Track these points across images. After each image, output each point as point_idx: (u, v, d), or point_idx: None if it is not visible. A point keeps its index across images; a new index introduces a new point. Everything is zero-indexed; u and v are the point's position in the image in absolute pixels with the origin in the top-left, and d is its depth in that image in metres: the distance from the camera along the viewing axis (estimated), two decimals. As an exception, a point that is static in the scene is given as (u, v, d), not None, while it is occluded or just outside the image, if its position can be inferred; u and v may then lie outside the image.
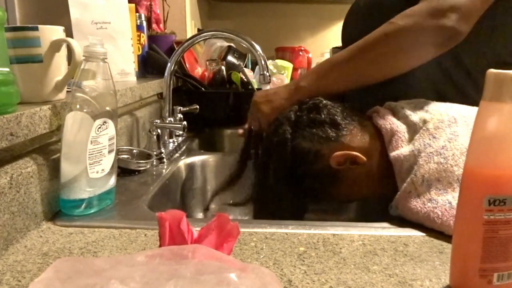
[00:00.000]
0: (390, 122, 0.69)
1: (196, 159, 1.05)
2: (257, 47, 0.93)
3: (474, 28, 0.68)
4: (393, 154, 0.66)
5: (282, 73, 1.78)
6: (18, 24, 1.13)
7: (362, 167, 0.68)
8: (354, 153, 0.67)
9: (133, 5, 1.23)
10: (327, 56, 2.37)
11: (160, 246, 0.42)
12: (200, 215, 1.03)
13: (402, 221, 0.62)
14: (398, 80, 0.72)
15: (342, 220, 0.84)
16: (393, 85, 0.74)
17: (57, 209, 0.64)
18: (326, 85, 0.74)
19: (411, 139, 0.66)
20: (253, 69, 1.66)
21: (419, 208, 0.59)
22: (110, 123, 0.65)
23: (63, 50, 0.70)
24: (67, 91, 0.71)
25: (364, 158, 0.67)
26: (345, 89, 0.78)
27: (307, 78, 0.77)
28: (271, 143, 0.73)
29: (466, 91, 0.76)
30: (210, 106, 1.36)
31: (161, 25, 1.65)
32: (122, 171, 0.83)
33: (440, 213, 0.57)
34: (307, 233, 0.58)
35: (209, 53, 1.56)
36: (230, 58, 1.56)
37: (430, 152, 0.61)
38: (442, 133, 0.63)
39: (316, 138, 0.69)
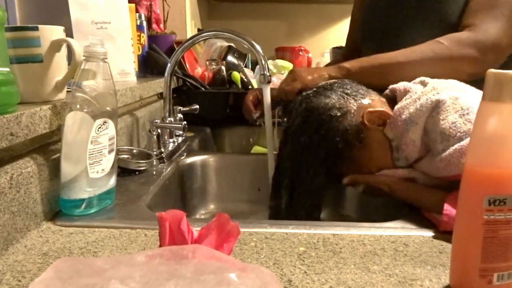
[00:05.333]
0: (404, 84, 0.73)
1: (196, 159, 1.05)
2: (258, 47, 0.93)
3: None
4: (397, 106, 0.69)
5: (282, 73, 1.78)
6: (18, 24, 1.13)
7: (384, 134, 0.70)
8: (387, 111, 0.70)
9: (133, 5, 1.23)
10: (327, 56, 2.37)
11: (160, 246, 0.42)
12: (200, 215, 1.03)
13: (402, 221, 0.62)
14: None
15: (342, 220, 0.85)
16: None
17: (57, 209, 0.64)
18: (365, 75, 0.81)
19: None
20: (253, 69, 1.66)
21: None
22: (110, 123, 0.65)
23: (63, 50, 0.70)
24: (67, 91, 0.71)
25: None
26: (382, 85, 0.82)
27: (351, 63, 0.84)
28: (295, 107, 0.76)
29: None
30: (210, 106, 1.36)
31: (161, 25, 1.65)
32: (122, 171, 0.83)
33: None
34: (307, 233, 0.58)
35: (209, 53, 1.56)
36: (230, 58, 1.56)
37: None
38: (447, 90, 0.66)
39: (344, 95, 0.73)
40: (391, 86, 0.75)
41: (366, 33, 1.04)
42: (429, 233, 0.58)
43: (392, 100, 0.73)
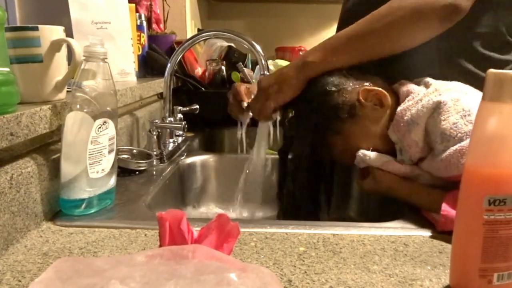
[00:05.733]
0: (408, 86, 0.72)
1: (196, 159, 1.05)
2: (258, 47, 0.93)
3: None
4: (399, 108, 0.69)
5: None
6: (18, 24, 1.13)
7: (379, 114, 0.71)
8: (384, 91, 0.70)
9: (133, 5, 1.23)
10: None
11: (160, 246, 0.42)
12: (200, 215, 1.03)
13: (402, 221, 0.62)
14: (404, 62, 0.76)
15: (342, 220, 0.85)
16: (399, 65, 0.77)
17: (57, 209, 0.64)
18: (334, 60, 0.73)
19: None
20: (253, 69, 1.65)
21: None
22: (110, 123, 0.65)
23: (63, 50, 0.70)
24: (67, 91, 0.71)
25: (389, 101, 0.70)
26: (352, 64, 0.77)
27: (314, 54, 0.75)
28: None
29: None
30: (210, 106, 1.35)
31: (161, 25, 1.65)
32: (122, 171, 0.83)
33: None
34: (307, 233, 0.58)
35: (209, 53, 1.56)
36: (230, 58, 1.56)
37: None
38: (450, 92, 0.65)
39: (348, 74, 0.73)
40: (394, 86, 0.75)
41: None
42: (429, 233, 0.58)
43: (396, 96, 0.74)
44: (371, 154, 0.70)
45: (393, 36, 0.71)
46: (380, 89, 0.71)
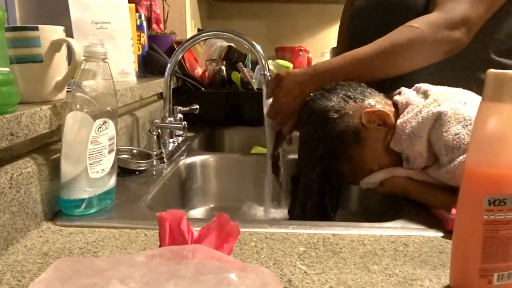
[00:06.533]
0: (407, 97, 0.72)
1: (196, 159, 1.05)
2: (258, 47, 0.93)
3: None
4: (400, 121, 0.69)
5: (282, 73, 1.77)
6: (18, 24, 1.13)
7: (385, 133, 0.70)
8: (386, 111, 0.70)
9: (133, 5, 1.23)
10: (327, 56, 2.37)
11: (160, 246, 0.42)
12: (200, 215, 1.03)
13: (402, 221, 0.62)
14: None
15: (343, 220, 0.85)
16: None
17: (57, 209, 0.64)
18: (343, 78, 0.78)
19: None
20: (253, 69, 1.66)
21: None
22: (110, 123, 0.65)
23: (63, 50, 0.70)
24: (67, 91, 0.71)
25: (393, 119, 0.70)
26: (365, 81, 0.81)
27: (324, 67, 0.80)
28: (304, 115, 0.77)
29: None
30: (210, 106, 1.36)
31: (161, 25, 1.65)
32: (122, 171, 0.83)
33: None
34: (307, 233, 0.58)
35: (209, 53, 1.56)
36: (230, 58, 1.56)
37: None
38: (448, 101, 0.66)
39: (346, 97, 0.73)
40: (394, 98, 0.74)
41: (354, 36, 1.03)
42: (429, 233, 0.58)
43: (396, 106, 0.73)
44: (375, 178, 0.71)
45: (405, 63, 0.78)
46: (382, 109, 0.70)
